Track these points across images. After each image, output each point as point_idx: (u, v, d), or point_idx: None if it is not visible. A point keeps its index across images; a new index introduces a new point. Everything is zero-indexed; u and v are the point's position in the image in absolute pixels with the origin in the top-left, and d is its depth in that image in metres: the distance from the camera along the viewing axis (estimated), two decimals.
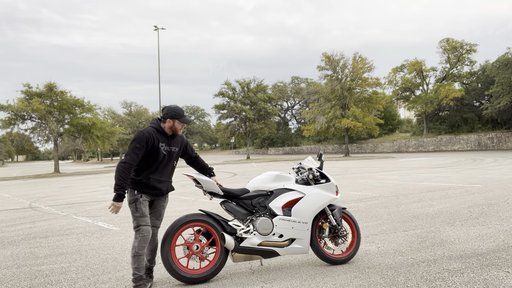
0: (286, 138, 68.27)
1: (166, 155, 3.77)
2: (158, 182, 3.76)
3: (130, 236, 6.21)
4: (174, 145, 3.87)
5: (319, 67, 41.30)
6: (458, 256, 4.29)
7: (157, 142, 3.71)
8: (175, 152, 3.89)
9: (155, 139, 3.69)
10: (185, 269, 3.86)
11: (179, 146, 3.94)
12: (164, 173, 3.81)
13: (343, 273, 3.94)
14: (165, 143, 3.78)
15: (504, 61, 39.52)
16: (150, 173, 3.71)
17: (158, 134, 3.75)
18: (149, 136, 3.66)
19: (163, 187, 3.81)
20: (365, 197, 9.26)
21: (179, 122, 3.81)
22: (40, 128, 31.95)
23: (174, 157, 3.88)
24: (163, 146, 3.75)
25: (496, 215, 6.41)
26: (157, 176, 3.75)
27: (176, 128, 3.82)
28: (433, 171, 16.04)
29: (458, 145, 44.07)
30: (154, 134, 3.71)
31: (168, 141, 3.81)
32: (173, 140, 3.88)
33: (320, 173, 4.40)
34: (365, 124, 38.70)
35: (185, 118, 3.84)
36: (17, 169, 50.77)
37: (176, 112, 3.79)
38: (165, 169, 3.81)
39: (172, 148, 3.83)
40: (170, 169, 3.89)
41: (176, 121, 3.79)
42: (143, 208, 3.66)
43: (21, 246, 5.93)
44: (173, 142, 3.87)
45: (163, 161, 3.77)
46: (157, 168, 3.74)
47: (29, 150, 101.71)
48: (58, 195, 13.67)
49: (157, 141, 3.71)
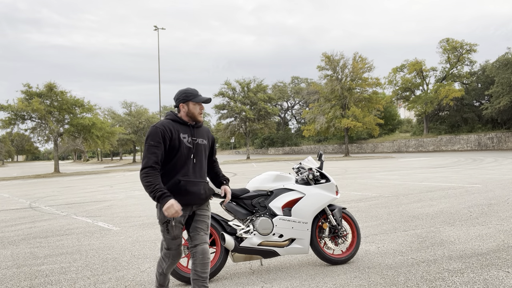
0: (286, 138, 68.28)
1: (193, 148, 3.04)
2: (192, 185, 3.00)
3: (130, 236, 6.21)
4: (201, 136, 3.14)
5: (319, 67, 41.33)
6: (458, 256, 4.29)
7: (176, 134, 2.99)
8: (204, 145, 3.14)
9: (173, 131, 2.98)
10: (185, 269, 3.86)
11: (207, 138, 3.20)
12: (196, 172, 3.05)
13: (343, 273, 3.94)
14: (188, 133, 3.05)
15: (504, 61, 39.52)
16: (178, 175, 2.98)
17: (176, 124, 3.04)
18: (165, 129, 2.96)
19: (199, 189, 3.04)
20: (365, 197, 9.26)
21: (194, 104, 3.06)
22: (40, 128, 31.97)
23: (203, 150, 3.13)
24: (186, 138, 3.02)
25: (496, 215, 6.41)
26: (188, 177, 3.00)
27: (194, 113, 3.06)
28: (433, 171, 16.04)
29: (458, 145, 44.07)
30: (171, 126, 3.01)
31: (192, 132, 3.08)
32: (198, 130, 3.14)
33: (320, 173, 4.40)
34: (365, 124, 38.70)
35: (200, 97, 3.07)
36: (17, 169, 50.77)
37: (188, 92, 3.07)
38: (195, 167, 3.05)
39: (198, 139, 3.10)
40: (202, 166, 3.12)
41: (190, 103, 3.06)
42: (176, 230, 3.00)
43: (21, 246, 5.93)
44: (198, 133, 3.12)
45: (190, 157, 3.04)
46: (184, 166, 3.00)
47: (29, 150, 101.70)
48: (58, 195, 13.67)
49: (177, 132, 3.00)
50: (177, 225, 2.99)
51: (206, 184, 3.13)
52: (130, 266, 4.56)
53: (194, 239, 3.04)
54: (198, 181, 3.05)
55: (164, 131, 2.95)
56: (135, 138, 51.49)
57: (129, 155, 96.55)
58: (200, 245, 3.03)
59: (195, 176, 3.04)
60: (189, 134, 3.06)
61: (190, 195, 2.99)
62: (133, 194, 12.76)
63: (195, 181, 3.03)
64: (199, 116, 3.10)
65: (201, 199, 3.07)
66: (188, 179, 3.00)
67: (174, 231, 2.99)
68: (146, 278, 4.09)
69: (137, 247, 5.46)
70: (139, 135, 51.57)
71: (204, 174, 3.13)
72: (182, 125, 3.07)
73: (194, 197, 3.02)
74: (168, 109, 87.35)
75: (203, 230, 3.09)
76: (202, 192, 3.06)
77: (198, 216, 3.10)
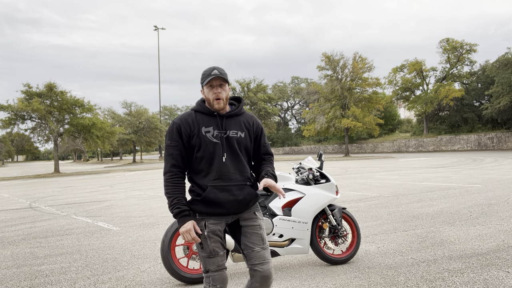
0: (286, 138, 68.29)
1: (220, 143, 2.39)
2: (221, 190, 2.36)
3: (130, 236, 6.21)
4: (233, 127, 2.45)
5: (319, 67, 41.34)
6: (458, 256, 4.29)
7: (196, 127, 2.40)
8: (239, 138, 2.44)
9: (193, 124, 2.41)
10: (185, 269, 3.86)
11: (244, 130, 2.48)
12: (229, 173, 2.39)
13: (343, 273, 3.94)
14: (214, 125, 2.42)
15: (504, 61, 39.52)
16: (204, 179, 2.39)
17: (198, 115, 2.45)
18: (181, 123, 2.41)
19: (231, 195, 2.37)
20: (365, 197, 9.27)
21: (207, 86, 2.41)
22: (40, 128, 31.96)
23: (238, 145, 2.44)
24: (210, 132, 2.40)
25: (496, 215, 6.42)
26: (216, 181, 2.37)
27: (209, 99, 2.41)
28: (433, 171, 16.04)
29: (458, 145, 44.07)
30: (190, 118, 2.44)
31: (219, 123, 2.43)
32: (230, 120, 2.46)
33: (320, 173, 4.40)
34: (365, 124, 38.71)
35: (208, 79, 2.37)
36: (17, 169, 50.78)
37: (202, 74, 2.45)
38: (227, 167, 2.39)
39: (228, 132, 2.43)
40: (238, 165, 2.43)
41: (204, 87, 2.43)
42: (211, 243, 2.36)
43: (21, 246, 5.94)
44: (229, 124, 2.45)
45: (219, 155, 2.38)
46: (210, 167, 2.39)
47: (29, 150, 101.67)
48: (58, 195, 13.67)
49: (197, 125, 2.41)
50: (211, 236, 2.36)
51: (244, 188, 2.42)
52: (130, 266, 4.56)
53: (250, 258, 2.40)
54: (231, 184, 2.38)
55: (181, 127, 2.41)
56: (135, 138, 51.47)
57: (129, 155, 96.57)
58: (258, 267, 2.37)
59: (226, 178, 2.39)
60: (215, 125, 2.42)
61: (220, 203, 2.36)
62: (133, 194, 12.76)
63: (226, 185, 2.38)
64: (216, 103, 2.40)
65: (237, 207, 2.40)
66: (216, 183, 2.37)
67: (209, 244, 2.35)
68: (146, 278, 4.09)
69: (137, 247, 5.46)
70: (139, 135, 51.56)
71: (241, 175, 2.42)
72: (207, 116, 2.45)
73: (227, 206, 2.37)
74: (168, 109, 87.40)
75: (258, 244, 2.42)
76: (240, 198, 2.39)
77: (245, 228, 2.46)
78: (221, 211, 2.38)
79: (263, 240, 2.45)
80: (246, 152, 2.50)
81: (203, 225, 2.36)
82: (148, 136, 51.63)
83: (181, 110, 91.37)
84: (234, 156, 2.42)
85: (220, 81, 2.40)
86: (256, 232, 2.45)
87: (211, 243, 2.36)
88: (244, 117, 2.54)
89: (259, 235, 2.45)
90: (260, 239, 2.44)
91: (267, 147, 2.61)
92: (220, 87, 2.40)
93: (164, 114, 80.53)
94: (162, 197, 11.25)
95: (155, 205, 9.61)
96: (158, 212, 8.57)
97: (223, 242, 2.43)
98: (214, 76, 2.36)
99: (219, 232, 2.39)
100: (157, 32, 41.15)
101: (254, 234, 2.44)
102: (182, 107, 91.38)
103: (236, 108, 2.53)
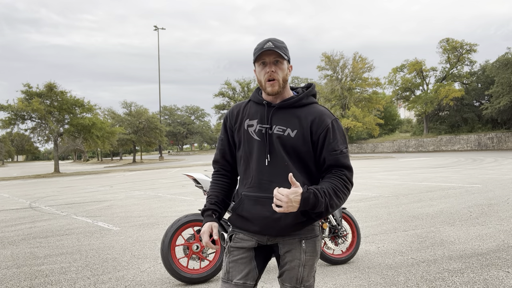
0: None
1: (261, 142, 1.84)
2: (256, 202, 1.83)
3: (130, 236, 6.21)
4: (281, 122, 1.84)
5: (319, 67, 41.41)
6: (458, 256, 4.29)
7: (240, 120, 1.93)
8: (283, 136, 1.82)
9: (237, 115, 1.95)
10: (185, 269, 3.86)
11: (296, 126, 1.83)
12: (269, 181, 1.81)
13: (343, 273, 3.94)
14: (258, 118, 1.87)
15: (504, 61, 39.52)
16: (242, 184, 1.93)
17: (251, 105, 1.94)
18: (228, 114, 2.00)
19: (271, 211, 1.76)
20: (365, 197, 9.27)
21: (258, 65, 1.85)
22: (40, 128, 31.96)
23: (284, 146, 1.82)
24: (254, 125, 1.87)
25: (496, 215, 6.42)
26: (251, 189, 1.85)
27: (261, 80, 1.84)
28: (433, 171, 16.04)
29: (458, 145, 44.08)
30: (240, 108, 1.96)
31: (265, 115, 1.86)
32: (280, 113, 1.86)
33: None
34: (365, 124, 38.76)
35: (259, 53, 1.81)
36: (17, 169, 50.77)
37: (254, 49, 1.87)
38: (268, 173, 1.82)
39: (275, 127, 1.84)
40: (283, 173, 1.79)
41: (256, 65, 1.87)
42: (229, 262, 1.89)
43: (21, 246, 5.94)
44: (277, 117, 1.85)
45: (258, 155, 1.85)
46: (247, 171, 1.89)
47: (29, 150, 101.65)
48: (58, 195, 13.67)
49: (241, 116, 1.93)
50: (233, 253, 1.90)
51: None
52: (130, 266, 4.56)
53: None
54: (270, 196, 1.76)
55: (227, 118, 1.99)
56: (135, 138, 51.40)
57: (129, 155, 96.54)
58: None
59: (264, 188, 1.81)
60: (260, 118, 1.87)
61: (251, 219, 1.85)
62: (133, 194, 12.76)
63: (262, 196, 1.81)
64: (269, 85, 1.82)
65: (271, 228, 1.82)
66: (250, 192, 1.85)
67: (226, 263, 1.90)
68: (146, 278, 4.09)
69: (137, 247, 5.46)
70: (139, 135, 51.50)
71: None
72: (256, 105, 1.92)
73: (258, 223, 1.83)
74: (168, 109, 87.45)
75: (288, 284, 1.88)
76: (273, 217, 1.78)
77: (283, 258, 1.88)
78: (252, 228, 1.85)
79: (298, 281, 1.86)
80: (298, 158, 1.83)
81: (224, 236, 1.95)
82: (148, 136, 51.57)
83: (181, 110, 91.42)
84: (279, 160, 1.81)
85: (276, 57, 1.82)
86: (292, 269, 1.86)
87: (229, 262, 1.87)
88: (305, 110, 1.86)
89: (294, 273, 1.86)
90: (294, 279, 1.86)
91: (338, 156, 1.80)
92: (275, 64, 1.82)
93: (164, 114, 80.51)
94: (162, 197, 11.25)
95: (155, 205, 9.61)
96: (158, 212, 8.57)
97: (253, 269, 1.86)
98: (267, 49, 1.79)
99: (247, 252, 1.87)
100: (157, 32, 41.23)
101: (289, 271, 1.86)
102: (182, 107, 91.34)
103: (296, 96, 1.88)
